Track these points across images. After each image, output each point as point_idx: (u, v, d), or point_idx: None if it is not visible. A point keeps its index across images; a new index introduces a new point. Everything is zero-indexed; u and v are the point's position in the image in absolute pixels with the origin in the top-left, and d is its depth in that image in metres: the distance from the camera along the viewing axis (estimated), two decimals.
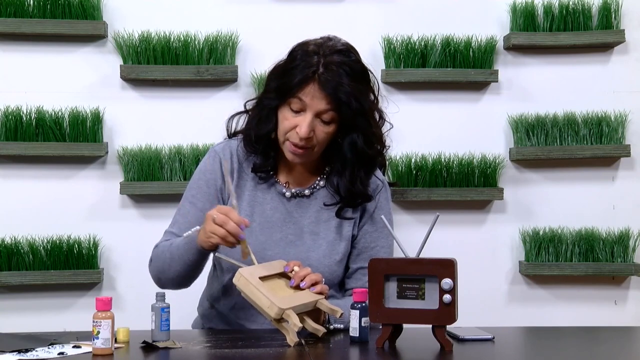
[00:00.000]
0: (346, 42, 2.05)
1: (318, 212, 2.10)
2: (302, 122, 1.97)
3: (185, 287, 2.10)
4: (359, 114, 2.00)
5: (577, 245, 2.87)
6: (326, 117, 1.99)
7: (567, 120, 2.88)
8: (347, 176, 2.06)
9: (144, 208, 2.84)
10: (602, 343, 1.95)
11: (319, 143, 2.01)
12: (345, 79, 1.97)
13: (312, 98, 1.97)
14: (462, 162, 2.86)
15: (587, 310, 2.91)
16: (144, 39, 2.80)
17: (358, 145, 2.04)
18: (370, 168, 2.09)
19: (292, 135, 2.00)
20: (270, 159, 2.09)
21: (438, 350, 1.71)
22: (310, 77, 1.96)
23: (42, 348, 1.72)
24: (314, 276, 1.88)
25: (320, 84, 1.96)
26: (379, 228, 2.11)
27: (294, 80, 1.97)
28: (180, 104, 2.86)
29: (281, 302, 1.77)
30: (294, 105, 1.98)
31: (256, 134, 2.07)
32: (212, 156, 2.13)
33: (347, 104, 1.97)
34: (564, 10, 2.89)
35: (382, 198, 2.14)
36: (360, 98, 2.00)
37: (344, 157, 2.05)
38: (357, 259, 2.11)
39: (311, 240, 2.07)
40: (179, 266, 2.00)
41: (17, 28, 2.76)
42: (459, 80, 2.87)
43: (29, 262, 2.75)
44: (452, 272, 1.70)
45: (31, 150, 2.75)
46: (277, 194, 2.10)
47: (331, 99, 1.96)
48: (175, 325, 1.87)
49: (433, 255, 1.74)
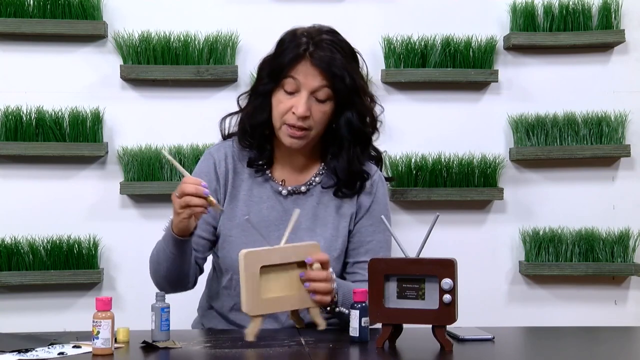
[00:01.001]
0: (332, 27, 2.08)
1: (315, 208, 2.10)
2: (298, 101, 1.99)
3: (183, 287, 2.09)
4: (352, 90, 2.02)
5: (577, 245, 2.87)
6: (321, 95, 2.00)
7: (567, 120, 2.88)
8: (345, 156, 2.07)
9: (144, 208, 2.84)
10: (602, 343, 1.95)
11: (316, 123, 2.02)
12: (336, 55, 2.00)
13: (306, 76, 1.99)
14: (462, 162, 2.86)
15: (587, 310, 2.91)
16: (144, 39, 2.80)
17: (354, 123, 2.05)
18: (365, 146, 2.10)
19: (288, 117, 2.01)
20: (266, 151, 2.09)
21: (438, 350, 1.72)
22: (301, 55, 1.99)
23: (42, 348, 1.72)
24: (322, 285, 1.82)
25: (313, 61, 1.99)
26: (375, 222, 2.11)
27: (285, 60, 2.00)
28: (180, 104, 2.86)
29: (257, 307, 1.76)
30: (288, 86, 2.00)
31: (251, 124, 2.08)
32: (207, 158, 2.14)
33: (342, 78, 1.99)
34: (564, 10, 2.89)
35: (379, 193, 2.13)
36: (353, 74, 2.03)
37: (341, 136, 2.06)
38: (354, 254, 2.11)
39: (308, 237, 2.06)
40: (165, 262, 2.00)
41: (17, 28, 2.76)
42: (459, 80, 2.87)
43: (29, 262, 2.75)
44: (452, 272, 1.70)
45: (31, 150, 2.75)
46: (273, 192, 2.11)
47: (325, 75, 1.99)
48: (175, 325, 1.87)
49: (433, 255, 1.74)
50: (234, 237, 2.07)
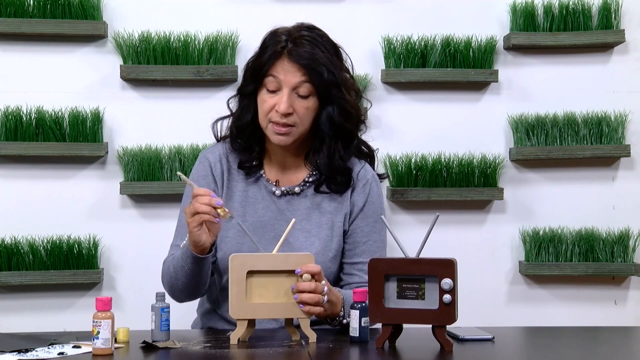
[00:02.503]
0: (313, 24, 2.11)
1: (309, 209, 2.10)
2: (280, 99, 2.01)
3: (200, 295, 2.11)
4: (332, 84, 2.04)
5: (577, 245, 2.87)
6: (303, 91, 2.02)
7: (567, 120, 2.88)
8: (325, 151, 2.07)
9: (144, 208, 2.84)
10: (602, 343, 1.95)
11: (301, 120, 2.03)
12: (315, 50, 2.02)
13: (286, 73, 2.01)
14: (462, 162, 2.86)
15: (587, 310, 2.91)
16: (144, 39, 2.80)
17: (334, 117, 2.06)
18: (348, 142, 2.11)
19: (272, 115, 2.02)
20: (254, 152, 2.11)
21: (438, 350, 1.72)
22: (279, 52, 2.02)
23: (42, 348, 1.72)
24: (309, 297, 1.78)
25: (291, 58, 2.01)
26: (370, 223, 2.12)
27: (265, 59, 2.03)
28: (180, 104, 2.86)
29: (242, 311, 1.76)
30: (270, 85, 2.03)
31: (237, 125, 2.10)
32: (202, 161, 2.16)
33: (320, 73, 2.01)
34: (564, 10, 2.89)
35: (372, 193, 2.14)
36: (332, 69, 2.04)
37: (321, 131, 2.07)
38: (350, 255, 2.12)
39: (303, 238, 2.07)
40: (183, 277, 2.00)
41: (17, 28, 2.76)
42: (459, 80, 2.87)
43: (29, 262, 2.75)
44: (452, 272, 1.70)
45: (31, 150, 2.75)
46: (267, 192, 2.11)
47: (304, 71, 2.01)
48: (175, 325, 1.87)
49: (433, 255, 1.74)
50: (230, 238, 2.07)
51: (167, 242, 2.14)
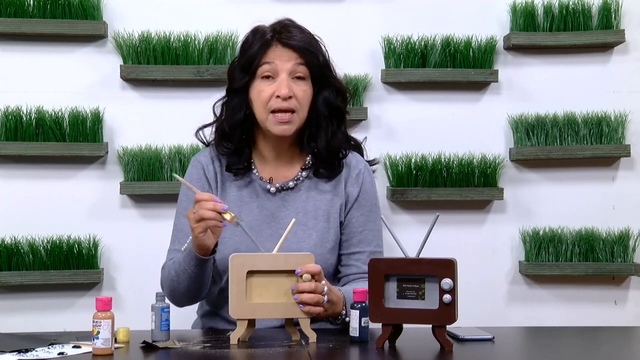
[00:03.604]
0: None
1: (304, 202, 2.11)
2: (280, 84, 2.03)
3: (200, 299, 2.12)
4: (325, 66, 2.09)
5: (577, 245, 2.87)
6: (299, 73, 2.05)
7: (567, 120, 2.88)
8: (323, 135, 2.10)
9: (144, 208, 2.84)
10: (602, 343, 1.95)
11: (301, 104, 2.05)
12: (304, 34, 2.07)
13: (280, 57, 2.04)
14: (462, 162, 2.86)
15: (587, 310, 2.91)
16: (144, 39, 2.80)
17: (330, 99, 2.10)
18: (341, 121, 2.14)
19: (273, 103, 2.03)
20: (244, 154, 2.11)
21: (438, 350, 1.72)
22: (270, 41, 2.06)
23: (42, 348, 1.72)
24: (309, 297, 1.78)
25: (283, 43, 2.05)
26: (365, 212, 2.13)
27: (255, 50, 2.05)
28: (180, 104, 2.86)
29: (241, 310, 1.76)
30: (265, 72, 2.04)
31: (230, 124, 2.10)
32: (195, 164, 2.17)
33: (314, 54, 2.06)
34: (564, 10, 2.89)
35: (366, 182, 2.15)
36: (322, 52, 2.09)
37: (318, 115, 2.09)
38: (347, 245, 2.12)
39: (301, 232, 2.07)
40: (186, 281, 2.00)
41: (17, 28, 2.76)
42: (458, 80, 2.87)
43: (29, 262, 2.75)
44: (452, 272, 1.70)
45: (31, 150, 2.75)
46: (262, 191, 2.11)
47: (299, 53, 2.05)
48: (175, 325, 1.87)
49: (433, 255, 1.74)
50: (228, 239, 2.07)
51: (167, 242, 2.14)
